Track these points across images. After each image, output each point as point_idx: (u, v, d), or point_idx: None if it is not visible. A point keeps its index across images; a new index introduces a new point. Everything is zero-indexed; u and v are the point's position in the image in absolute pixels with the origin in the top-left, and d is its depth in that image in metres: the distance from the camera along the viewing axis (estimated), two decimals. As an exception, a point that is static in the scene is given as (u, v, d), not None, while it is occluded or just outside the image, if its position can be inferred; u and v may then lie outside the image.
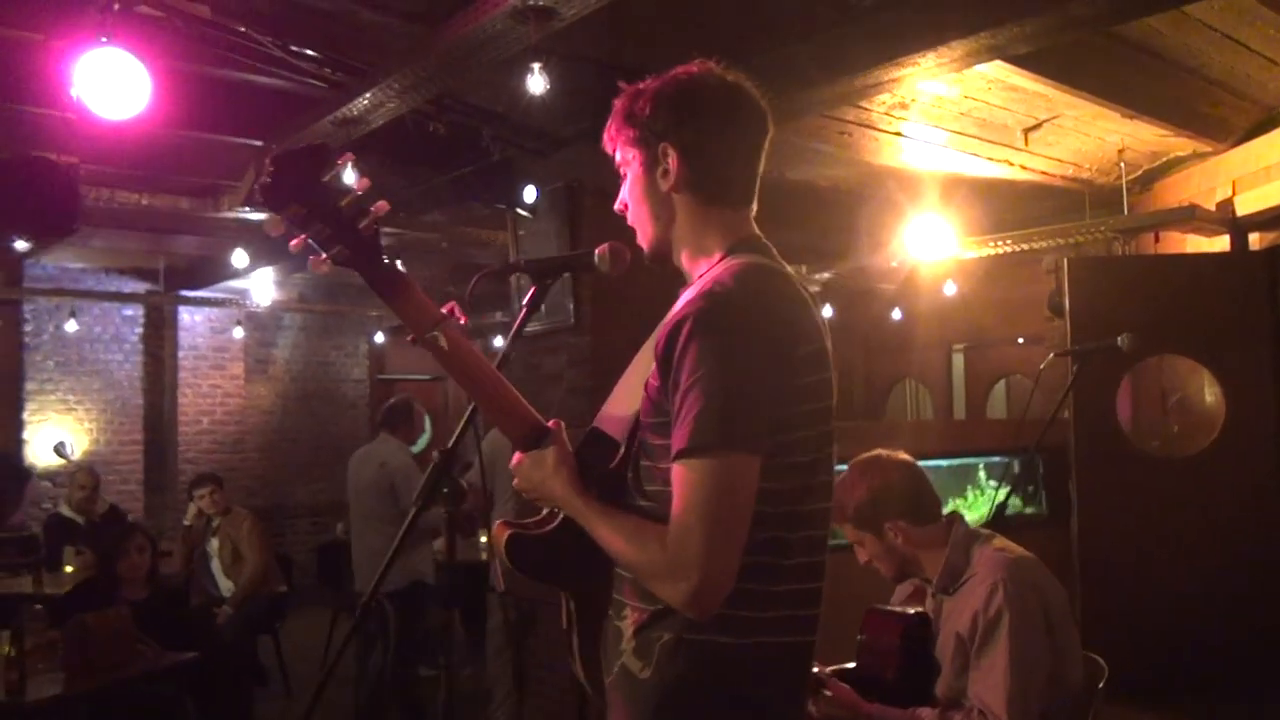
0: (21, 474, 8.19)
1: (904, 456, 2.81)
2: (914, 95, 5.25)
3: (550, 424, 1.75)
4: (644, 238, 1.78)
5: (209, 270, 8.90)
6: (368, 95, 4.05)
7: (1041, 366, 3.63)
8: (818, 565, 1.67)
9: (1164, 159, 6.49)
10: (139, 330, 10.09)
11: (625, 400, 1.74)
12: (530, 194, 5.04)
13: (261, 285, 9.42)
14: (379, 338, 11.52)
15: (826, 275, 8.65)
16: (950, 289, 8.52)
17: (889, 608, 2.84)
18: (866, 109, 5.35)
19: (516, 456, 1.75)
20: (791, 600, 1.61)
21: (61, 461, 9.00)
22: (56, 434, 9.32)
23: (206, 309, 10.00)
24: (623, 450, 1.70)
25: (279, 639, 6.89)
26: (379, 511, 5.47)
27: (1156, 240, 6.67)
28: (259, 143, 4.82)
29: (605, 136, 1.76)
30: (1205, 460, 5.82)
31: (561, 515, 1.73)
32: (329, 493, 10.63)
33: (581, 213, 5.05)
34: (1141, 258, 6.66)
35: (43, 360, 9.43)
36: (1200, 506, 5.63)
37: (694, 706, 1.57)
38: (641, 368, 1.71)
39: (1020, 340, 9.29)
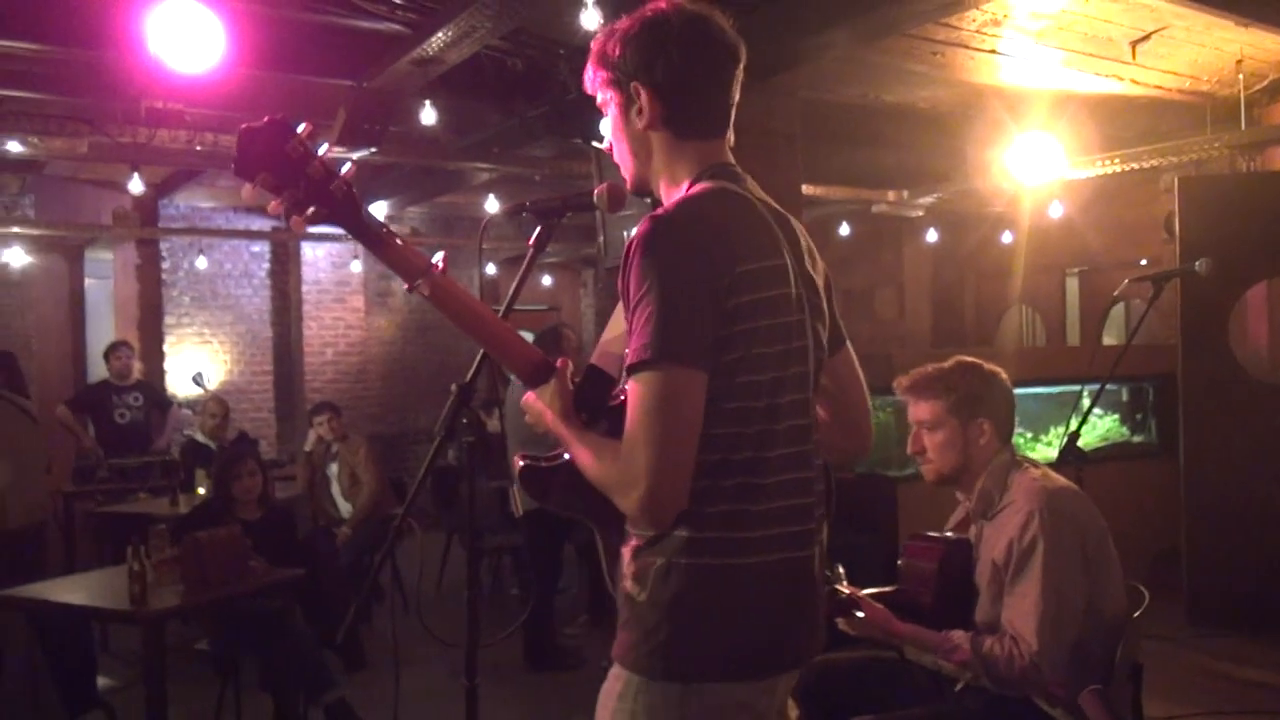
0: (164, 402, 8.71)
1: None
2: (1005, 11, 5.06)
3: (558, 363, 1.84)
4: (626, 173, 1.84)
5: (325, 207, 9.19)
6: (441, 33, 4.14)
7: (1115, 293, 3.53)
8: (805, 481, 1.71)
9: (1291, 68, 6.10)
10: (266, 265, 10.60)
11: (619, 338, 1.80)
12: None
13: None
14: (491, 269, 11.75)
15: (930, 199, 8.42)
16: (1057, 210, 8.20)
17: (931, 533, 2.84)
18: (956, 27, 5.19)
19: (527, 395, 1.86)
20: (779, 517, 1.65)
21: (200, 391, 9.55)
22: (194, 365, 9.91)
23: (327, 244, 10.42)
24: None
25: (396, 559, 7.24)
26: (520, 434, 5.63)
27: (1283, 155, 6.29)
28: (349, 82, 4.98)
29: (585, 79, 1.81)
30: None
31: None
32: (449, 421, 11.02)
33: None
34: (1257, 175, 6.30)
35: (179, 295, 10.04)
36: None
37: (689, 628, 1.62)
38: None
39: (1143, 262, 8.87)
